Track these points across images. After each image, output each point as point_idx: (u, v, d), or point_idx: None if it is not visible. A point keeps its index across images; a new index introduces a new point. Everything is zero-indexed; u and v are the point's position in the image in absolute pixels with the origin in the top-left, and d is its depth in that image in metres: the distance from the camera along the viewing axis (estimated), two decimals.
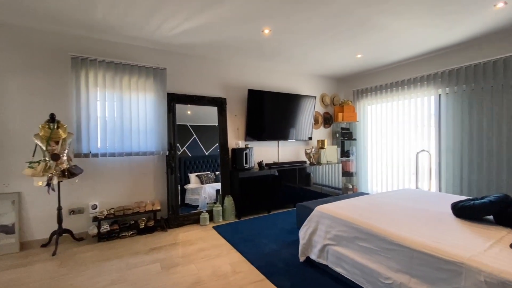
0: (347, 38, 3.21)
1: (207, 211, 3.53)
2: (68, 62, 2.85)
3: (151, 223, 3.16)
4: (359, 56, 3.89)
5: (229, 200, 3.64)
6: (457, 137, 3.56)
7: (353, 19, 2.72)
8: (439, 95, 3.80)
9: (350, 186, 4.94)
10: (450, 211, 2.06)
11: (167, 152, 3.35)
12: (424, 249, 1.47)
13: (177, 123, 3.54)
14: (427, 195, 2.72)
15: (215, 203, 3.71)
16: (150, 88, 3.28)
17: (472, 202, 1.89)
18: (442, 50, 3.67)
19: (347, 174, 4.97)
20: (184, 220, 3.43)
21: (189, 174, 3.86)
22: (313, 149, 4.66)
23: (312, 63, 4.19)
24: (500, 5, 2.43)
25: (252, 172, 3.80)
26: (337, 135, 5.07)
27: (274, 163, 4.17)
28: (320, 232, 2.19)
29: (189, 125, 3.78)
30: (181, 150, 3.66)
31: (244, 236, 2.98)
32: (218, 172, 3.89)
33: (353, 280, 1.85)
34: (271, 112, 4.28)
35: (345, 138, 5.02)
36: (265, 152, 4.39)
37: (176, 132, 3.52)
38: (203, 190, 3.85)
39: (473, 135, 3.40)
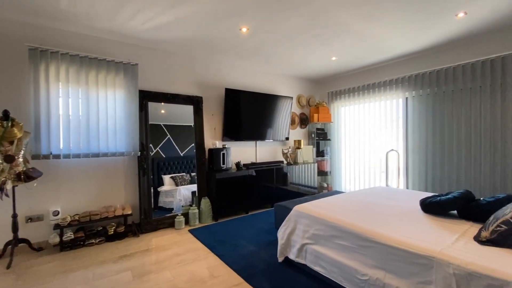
0: (324, 41, 3.28)
1: (182, 214, 3.40)
2: (26, 54, 2.57)
3: (121, 229, 2.96)
4: (334, 58, 4.00)
5: (205, 202, 3.54)
6: (422, 137, 3.81)
7: (331, 22, 2.77)
8: (406, 98, 4.04)
9: (325, 185, 5.07)
10: (419, 207, 2.18)
11: (139, 152, 3.16)
12: (398, 245, 1.52)
13: (150, 122, 3.37)
14: (397, 192, 2.86)
15: (191, 205, 3.58)
16: (120, 85, 3.07)
17: (439, 198, 2.01)
18: (409, 55, 3.90)
19: (322, 173, 5.09)
20: (158, 224, 3.27)
21: (163, 176, 3.69)
22: (290, 149, 4.71)
23: (289, 64, 4.23)
24: (461, 14, 2.64)
25: (229, 172, 3.74)
26: (313, 135, 5.18)
27: (252, 163, 4.14)
28: (299, 232, 2.20)
29: (163, 124, 3.61)
30: (154, 151, 3.49)
31: (222, 238, 2.91)
32: (194, 174, 3.77)
33: (331, 279, 1.87)
34: (248, 112, 4.24)
35: (320, 138, 5.15)
36: (242, 152, 4.35)
37: (149, 131, 3.34)
38: (178, 192, 3.71)
39: (436, 135, 3.65)
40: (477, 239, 1.51)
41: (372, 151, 4.51)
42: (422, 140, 3.82)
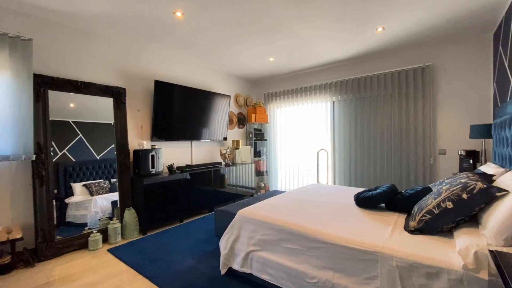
0: (263, 39, 3.22)
1: (99, 231, 2.78)
2: None
3: (7, 260, 2.19)
4: (271, 59, 4.02)
5: (130, 213, 2.99)
6: (346, 137, 4.23)
7: (272, 21, 2.72)
8: (333, 102, 4.41)
9: (263, 185, 5.10)
10: (353, 202, 2.33)
11: (33, 156, 2.41)
12: (346, 243, 1.53)
13: (52, 118, 2.62)
14: (331, 189, 3.03)
15: (110, 218, 2.97)
16: (4, 65, 2.27)
17: (370, 193, 2.18)
18: (337, 63, 4.27)
19: (259, 173, 5.10)
20: (64, 246, 2.57)
21: (72, 184, 2.94)
22: (228, 150, 4.53)
23: (228, 60, 4.04)
24: (380, 29, 2.99)
25: (160, 177, 3.27)
26: (251, 135, 5.14)
27: (187, 166, 3.77)
28: (243, 239, 2.03)
29: (72, 121, 2.88)
30: (60, 154, 2.74)
31: (152, 255, 2.49)
32: (115, 180, 3.15)
33: (279, 286, 1.77)
34: (183, 109, 3.85)
35: (258, 138, 5.15)
36: (176, 154, 3.91)
37: (49, 128, 2.59)
38: (94, 203, 3.02)
39: (358, 136, 4.11)
40: (407, 229, 1.66)
41: (304, 150, 4.77)
42: (346, 140, 4.23)
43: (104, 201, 3.14)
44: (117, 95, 3.11)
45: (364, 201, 2.15)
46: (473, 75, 3.24)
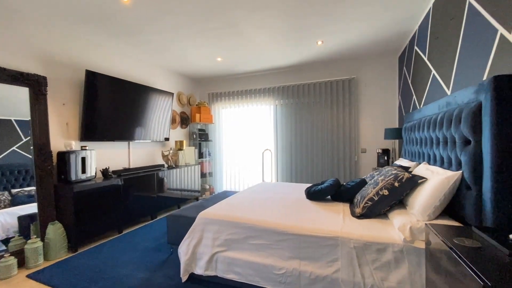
0: (215, 38, 3.19)
1: (12, 254, 2.20)
2: None
3: None
4: (219, 59, 4.00)
5: (56, 229, 2.47)
6: (288, 139, 4.58)
7: (227, 21, 2.72)
8: (276, 105, 4.71)
9: (207, 187, 4.99)
10: (303, 196, 2.56)
11: None
12: (310, 233, 1.69)
13: None
14: (279, 186, 3.22)
15: (26, 237, 2.39)
16: None
17: (320, 187, 2.44)
18: (281, 69, 4.58)
19: (203, 175, 4.98)
20: None
21: None
22: (171, 151, 4.25)
23: (174, 56, 3.79)
24: (320, 42, 3.38)
25: (93, 183, 2.82)
26: (194, 136, 4.96)
27: (125, 170, 3.36)
28: (207, 241, 1.97)
29: None
30: None
31: (91, 274, 2.13)
32: (18, 190, 2.53)
33: (247, 282, 1.81)
34: (120, 105, 3.42)
35: (202, 139, 5.02)
36: (112, 156, 3.44)
37: None
38: None
39: (297, 137, 4.51)
40: (354, 215, 1.94)
41: (250, 151, 4.91)
42: (288, 141, 4.59)
43: (7, 217, 2.50)
44: (35, 84, 2.53)
45: (315, 194, 2.41)
46: (385, 88, 4.02)
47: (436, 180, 1.58)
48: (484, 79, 1.53)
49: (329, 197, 2.48)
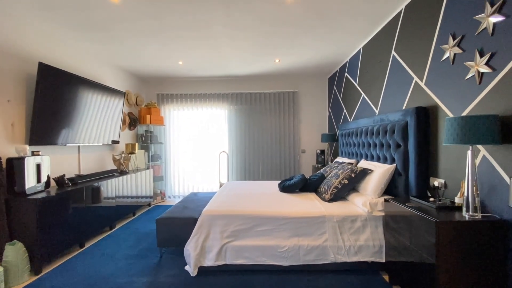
0: (183, 41, 3.17)
1: None
2: None
3: None
4: (180, 62, 4.04)
5: (16, 250, 2.08)
6: (242, 141, 5.03)
7: (203, 23, 2.70)
8: (231, 110, 5.07)
9: (158, 191, 4.83)
10: (277, 190, 3.08)
11: None
12: (304, 215, 2.21)
13: None
14: (248, 184, 3.62)
15: None
16: None
17: (292, 181, 3.01)
18: (238, 77, 4.95)
19: (156, 179, 4.79)
20: None
21: None
22: (122, 155, 3.96)
23: (132, 54, 3.57)
24: (277, 60, 3.99)
25: (52, 194, 2.47)
26: (143, 138, 4.71)
27: (79, 177, 3.01)
28: (215, 235, 2.21)
29: None
30: None
31: None
32: None
33: (256, 263, 2.16)
34: (72, 104, 3.02)
35: (151, 142, 4.81)
36: (61, 162, 3.01)
37: None
38: None
39: (250, 140, 5.01)
40: (325, 200, 2.60)
41: (204, 153, 5.07)
42: (242, 143, 5.02)
43: None
44: None
45: (290, 187, 2.96)
46: (318, 102, 5.03)
47: (380, 171, 2.39)
48: (403, 107, 2.43)
49: (297, 189, 3.09)
